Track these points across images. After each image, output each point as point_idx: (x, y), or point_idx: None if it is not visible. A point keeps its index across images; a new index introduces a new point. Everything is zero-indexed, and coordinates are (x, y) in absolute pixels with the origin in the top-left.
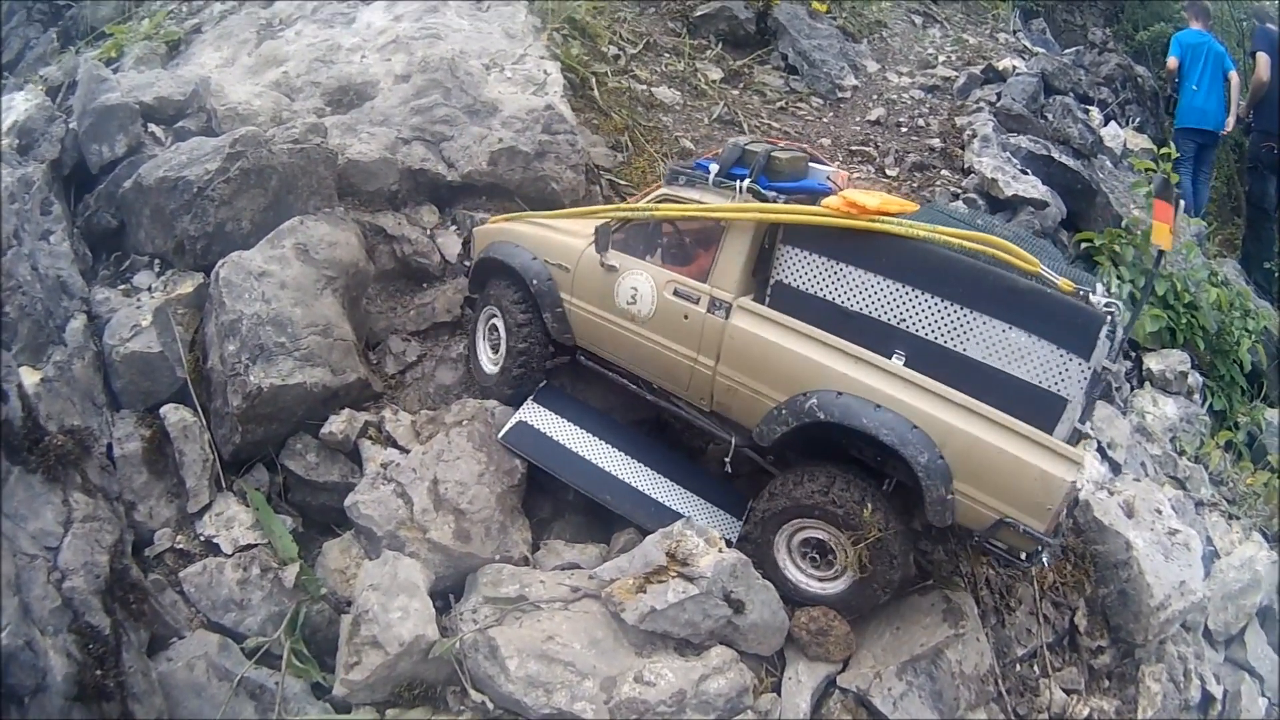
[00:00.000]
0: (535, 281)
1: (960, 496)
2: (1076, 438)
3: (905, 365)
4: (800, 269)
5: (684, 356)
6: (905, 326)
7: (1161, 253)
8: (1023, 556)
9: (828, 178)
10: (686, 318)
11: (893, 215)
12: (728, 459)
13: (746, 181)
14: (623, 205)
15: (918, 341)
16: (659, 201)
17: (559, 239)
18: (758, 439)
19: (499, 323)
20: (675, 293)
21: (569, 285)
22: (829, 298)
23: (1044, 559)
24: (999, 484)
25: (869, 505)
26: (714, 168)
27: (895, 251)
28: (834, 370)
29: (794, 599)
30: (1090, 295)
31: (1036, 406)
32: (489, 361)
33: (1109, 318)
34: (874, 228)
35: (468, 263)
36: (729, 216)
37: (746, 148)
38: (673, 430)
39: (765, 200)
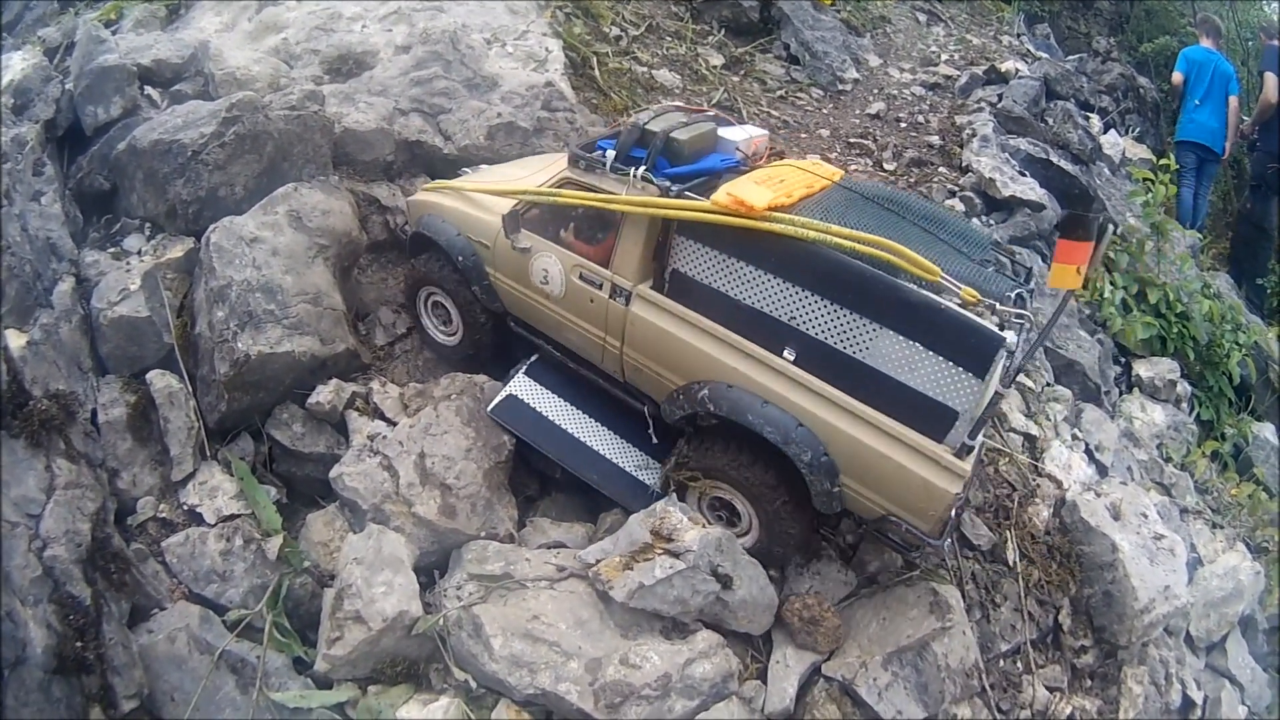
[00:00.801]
0: (461, 258)
1: (848, 489)
2: (966, 450)
3: (795, 362)
4: (695, 260)
5: (594, 335)
6: (796, 325)
7: (1069, 294)
8: (912, 547)
9: (737, 148)
10: (592, 301)
11: (788, 208)
12: (649, 430)
13: (640, 170)
14: (528, 188)
15: (808, 340)
16: (561, 185)
17: (478, 216)
18: (664, 416)
19: (442, 299)
20: (581, 277)
21: (491, 260)
22: (723, 290)
23: (943, 546)
24: (883, 486)
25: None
26: (610, 154)
27: (784, 251)
28: (725, 363)
29: None
30: (996, 306)
31: (927, 416)
32: (443, 335)
33: (1005, 341)
34: (760, 227)
35: (406, 229)
36: (618, 208)
37: (646, 127)
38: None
39: (661, 188)
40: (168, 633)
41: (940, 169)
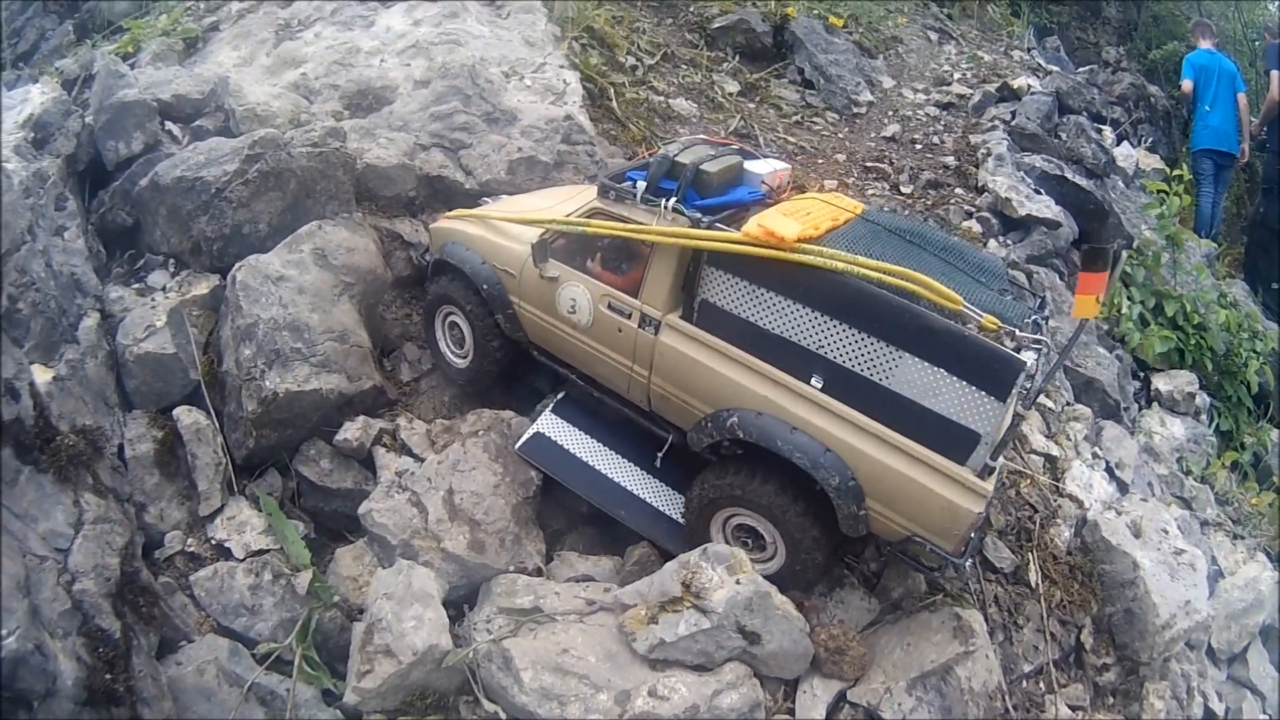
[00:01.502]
0: (485, 286)
1: (872, 512)
2: (988, 471)
3: (823, 389)
4: (724, 290)
5: (621, 364)
6: (823, 353)
7: (1084, 322)
8: (934, 567)
9: (762, 181)
10: (620, 330)
11: (815, 240)
12: (660, 453)
13: (671, 201)
14: (558, 218)
15: (835, 368)
16: (590, 215)
17: (504, 244)
18: (691, 444)
19: (459, 320)
20: (610, 306)
21: (516, 289)
22: (751, 319)
23: (965, 564)
24: (908, 508)
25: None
26: (641, 185)
27: (812, 281)
28: (754, 391)
29: None
30: (1016, 333)
31: (950, 439)
32: (454, 356)
33: (1026, 364)
34: (790, 259)
35: (426, 258)
36: (650, 238)
37: (676, 159)
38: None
39: (689, 219)
40: (197, 665)
41: (956, 190)
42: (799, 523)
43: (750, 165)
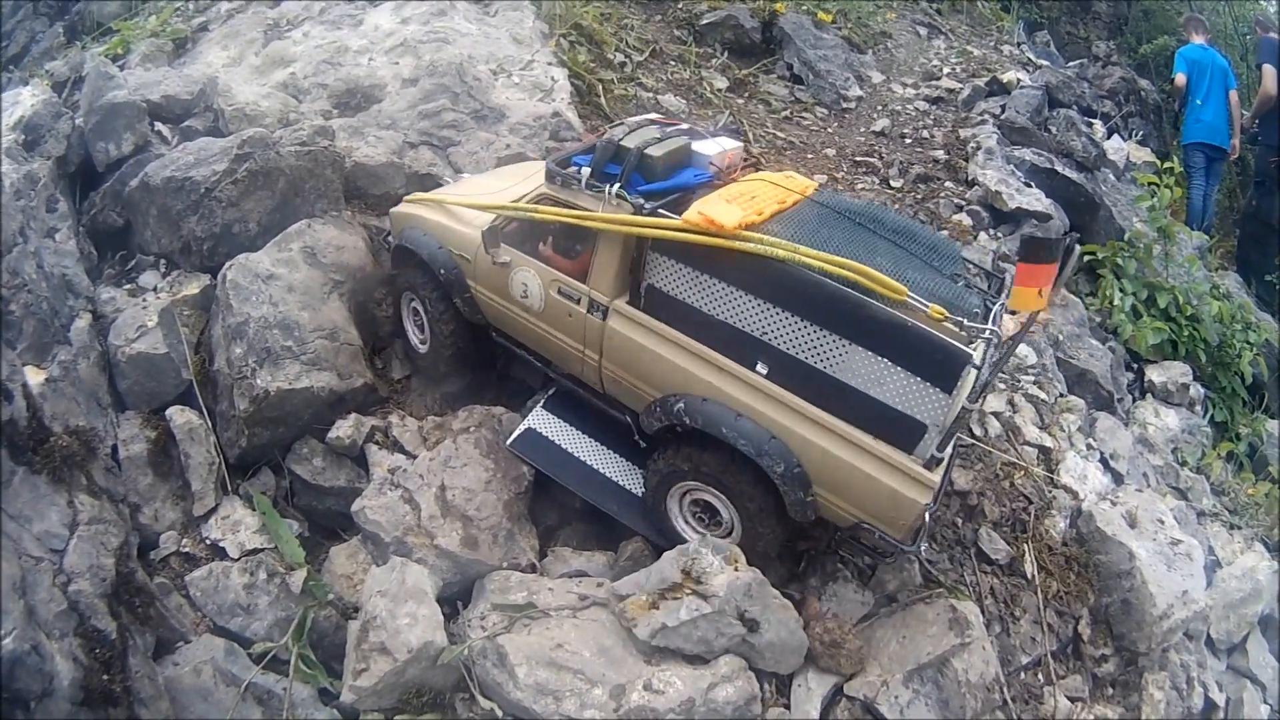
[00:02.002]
0: (443, 271)
1: (820, 498)
2: (935, 462)
3: (768, 376)
4: (669, 275)
5: (574, 348)
6: (768, 340)
7: (1033, 316)
8: (887, 553)
9: (710, 163)
10: (570, 315)
11: (759, 225)
12: (635, 436)
13: (615, 187)
14: (507, 204)
15: (780, 355)
16: (539, 200)
17: (459, 229)
18: (643, 426)
19: (419, 306)
20: (559, 291)
21: (473, 274)
22: (697, 305)
23: (917, 550)
24: (855, 496)
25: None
26: (586, 170)
27: (756, 269)
28: (700, 377)
29: None
30: (964, 322)
31: (896, 429)
32: (417, 340)
33: (971, 357)
34: (730, 246)
35: (389, 242)
36: (594, 225)
37: (620, 144)
38: None
39: (635, 206)
40: (193, 665)
41: (946, 184)
42: (751, 494)
43: (698, 146)
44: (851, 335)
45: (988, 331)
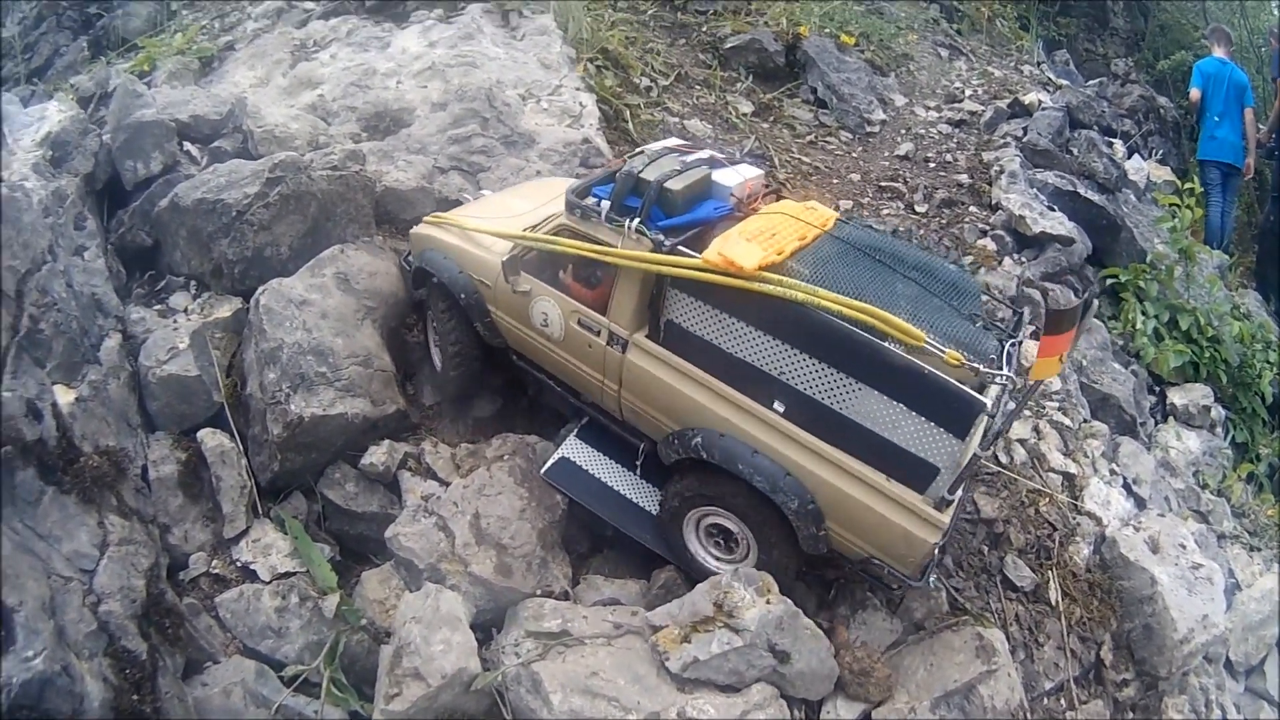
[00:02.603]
0: (463, 295)
1: (833, 533)
2: (945, 503)
3: (784, 415)
4: (689, 312)
5: (593, 377)
6: (785, 379)
7: (1039, 383)
8: (895, 586)
9: (731, 194)
10: (590, 346)
11: (779, 265)
12: (638, 461)
13: (635, 222)
14: (526, 234)
15: (796, 395)
16: (557, 231)
17: (478, 254)
18: (661, 457)
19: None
20: (579, 323)
21: (492, 299)
22: (715, 342)
23: (925, 583)
24: (866, 533)
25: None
26: (605, 204)
27: (774, 310)
28: (717, 413)
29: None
30: (980, 369)
31: (908, 470)
32: (436, 356)
33: (985, 405)
34: (748, 288)
35: (408, 262)
36: (612, 260)
37: (640, 176)
38: None
39: (655, 243)
40: (223, 686)
41: (970, 208)
42: (768, 523)
43: (718, 176)
44: (867, 378)
45: (1002, 377)
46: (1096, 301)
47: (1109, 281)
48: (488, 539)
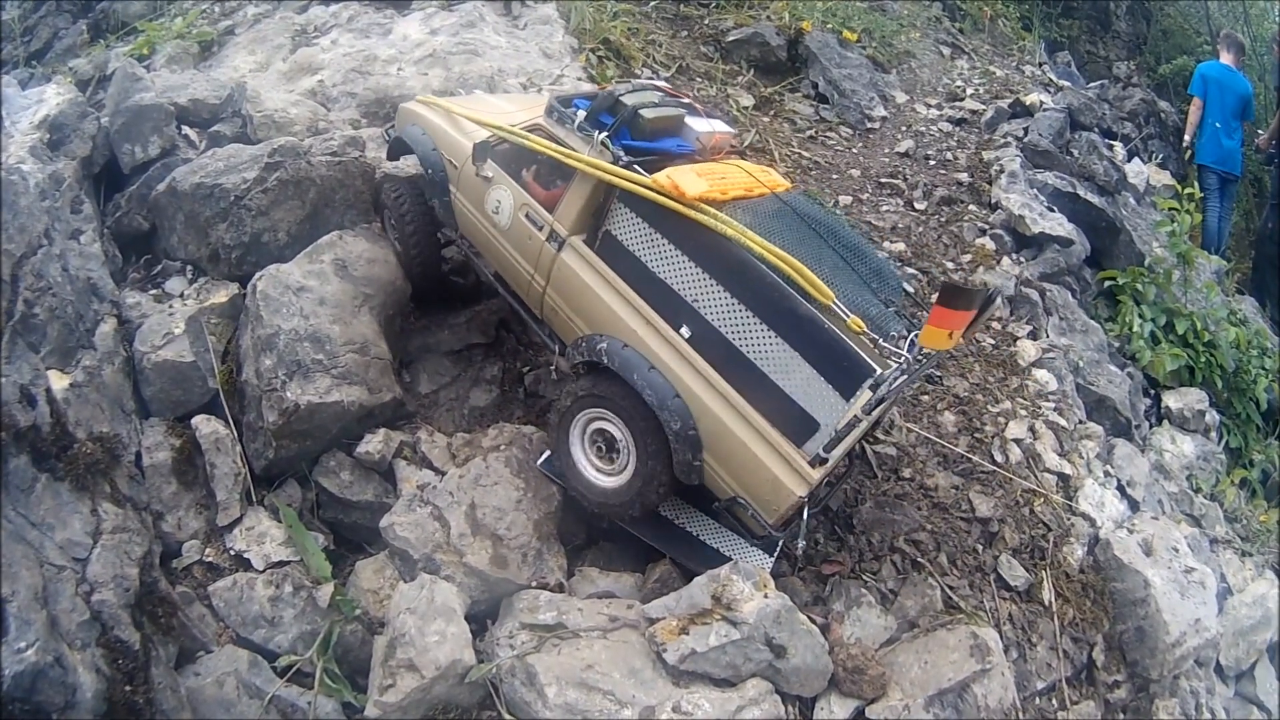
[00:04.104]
0: (430, 170)
1: (708, 465)
2: (820, 461)
3: (689, 340)
4: (627, 226)
5: (525, 269)
6: (697, 306)
7: (932, 352)
8: (756, 535)
9: (697, 138)
10: (530, 239)
11: (718, 203)
12: (552, 368)
13: (602, 135)
14: (502, 124)
15: (704, 323)
16: (533, 129)
17: (454, 136)
18: (566, 357)
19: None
20: (527, 216)
21: (456, 180)
22: (643, 259)
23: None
24: (738, 472)
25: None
26: (581, 114)
27: (704, 240)
28: (627, 324)
29: (588, 495)
30: (880, 341)
31: (791, 420)
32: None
33: (876, 371)
34: (684, 213)
35: (389, 133)
36: (572, 164)
37: (620, 98)
38: None
39: (614, 156)
40: (216, 676)
41: (970, 206)
42: (650, 427)
43: (691, 121)
44: (771, 321)
45: (900, 356)
46: (1001, 298)
47: (1107, 284)
48: (483, 529)
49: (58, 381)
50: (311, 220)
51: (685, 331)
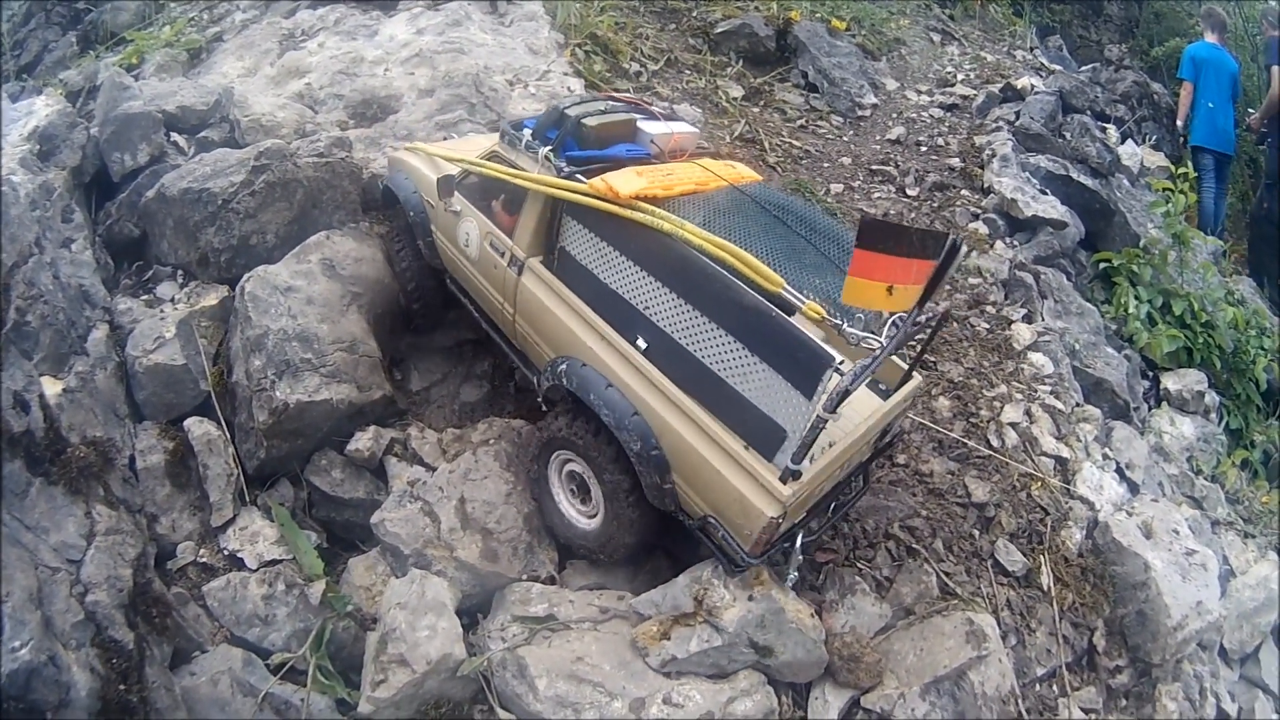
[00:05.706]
0: (413, 213)
1: (678, 487)
2: (793, 475)
3: (646, 353)
4: (577, 241)
5: (496, 299)
6: (649, 314)
7: (908, 319)
8: (735, 561)
9: (652, 141)
10: (496, 267)
11: (661, 201)
12: (540, 397)
13: (545, 150)
14: (464, 157)
15: (658, 332)
16: (490, 157)
17: (429, 177)
18: (537, 385)
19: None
20: (491, 244)
21: (435, 219)
22: (595, 272)
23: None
24: (704, 492)
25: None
26: (526, 134)
27: (644, 240)
28: (583, 342)
29: (566, 535)
30: (843, 326)
31: (756, 430)
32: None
33: (834, 359)
34: (618, 213)
35: (380, 182)
36: (516, 182)
37: (564, 111)
38: None
39: (557, 169)
40: (210, 675)
41: (962, 191)
42: (614, 469)
43: (645, 125)
44: (720, 319)
45: (871, 340)
46: (964, 248)
47: (1102, 266)
48: (474, 524)
49: (51, 387)
50: (299, 221)
51: (641, 343)
